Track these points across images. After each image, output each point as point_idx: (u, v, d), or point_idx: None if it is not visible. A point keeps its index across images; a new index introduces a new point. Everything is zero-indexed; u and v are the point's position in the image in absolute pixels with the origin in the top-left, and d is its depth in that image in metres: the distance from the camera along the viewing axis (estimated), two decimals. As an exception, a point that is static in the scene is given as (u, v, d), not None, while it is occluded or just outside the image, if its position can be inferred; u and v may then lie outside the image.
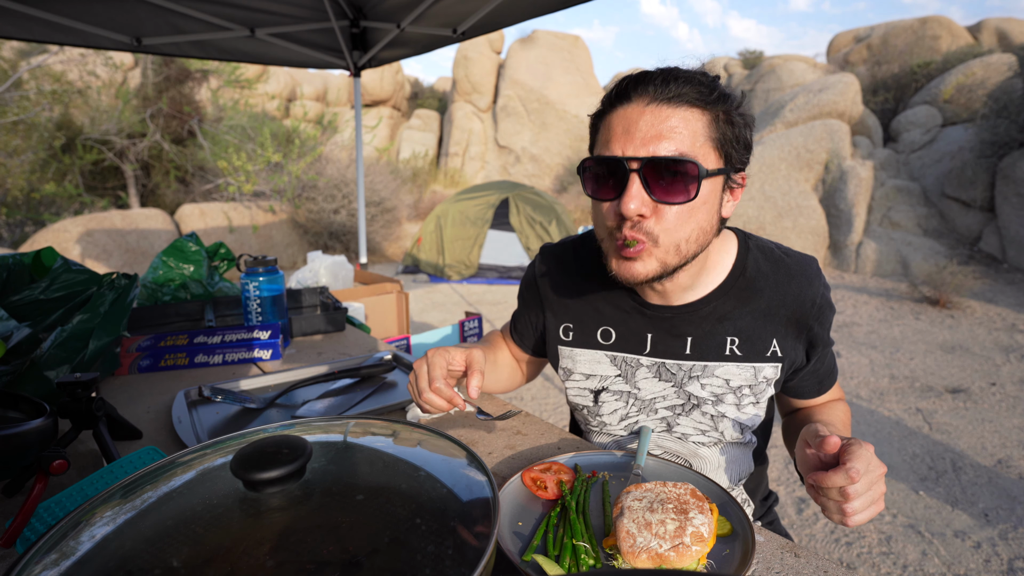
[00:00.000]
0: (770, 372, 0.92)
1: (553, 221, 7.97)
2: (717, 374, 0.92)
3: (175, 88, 10.41)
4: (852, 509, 0.65)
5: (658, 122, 0.76)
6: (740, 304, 0.92)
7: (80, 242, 7.29)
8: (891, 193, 8.91)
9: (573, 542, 0.63)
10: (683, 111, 0.77)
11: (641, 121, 0.77)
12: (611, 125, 0.80)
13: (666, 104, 0.77)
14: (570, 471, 0.78)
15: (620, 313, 0.97)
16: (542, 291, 1.05)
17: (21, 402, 0.83)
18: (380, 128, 16.25)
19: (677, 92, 0.77)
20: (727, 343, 0.92)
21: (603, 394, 1.00)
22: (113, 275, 1.21)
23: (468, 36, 3.00)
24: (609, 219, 0.82)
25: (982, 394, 3.98)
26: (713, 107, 0.78)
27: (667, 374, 0.95)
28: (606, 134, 0.81)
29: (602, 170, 0.81)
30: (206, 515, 0.43)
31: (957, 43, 12.50)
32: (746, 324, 0.91)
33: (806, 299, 0.91)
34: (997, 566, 2.22)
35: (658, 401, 0.96)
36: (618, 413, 0.99)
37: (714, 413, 0.94)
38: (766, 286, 0.92)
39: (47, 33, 2.76)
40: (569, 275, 1.03)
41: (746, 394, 0.92)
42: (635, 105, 0.78)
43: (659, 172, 0.77)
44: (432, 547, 0.40)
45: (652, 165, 0.76)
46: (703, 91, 0.77)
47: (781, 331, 0.91)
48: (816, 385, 1.01)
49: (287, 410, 1.03)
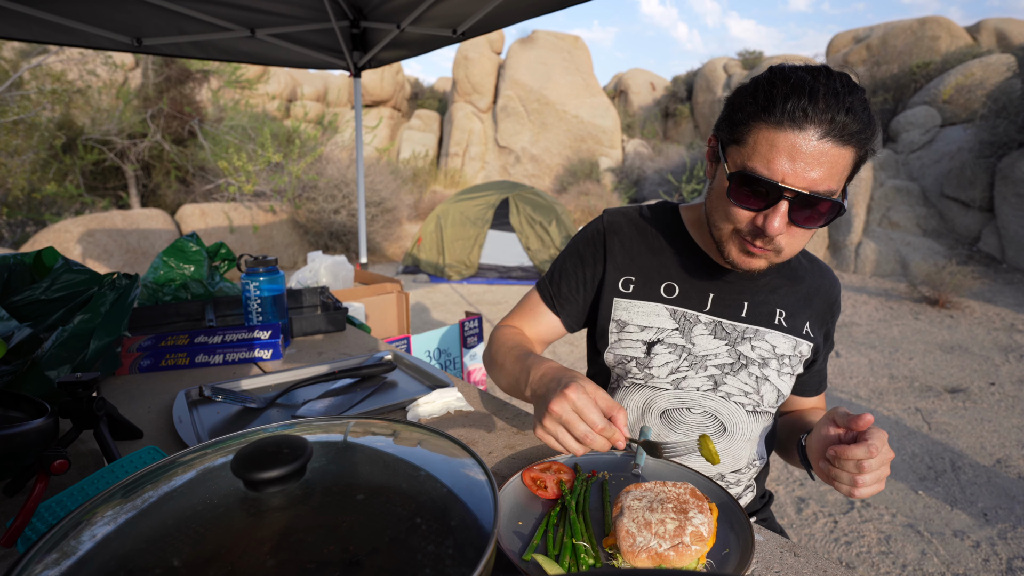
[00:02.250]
0: (805, 349, 1.04)
1: (553, 221, 7.97)
2: (766, 339, 1.02)
3: (176, 88, 10.41)
4: (863, 481, 0.75)
5: (823, 160, 0.79)
6: (787, 283, 1.05)
7: (81, 242, 7.29)
8: (890, 193, 8.91)
9: (573, 542, 0.63)
10: (844, 149, 0.79)
11: (809, 155, 0.78)
12: (775, 143, 0.80)
13: (834, 142, 0.78)
14: (570, 471, 0.78)
15: (686, 271, 1.05)
16: (609, 244, 1.09)
17: (22, 402, 0.83)
18: (380, 128, 16.26)
19: (849, 132, 0.78)
20: (776, 313, 1.03)
21: (657, 346, 1.03)
22: (114, 275, 1.21)
23: (468, 36, 3.00)
24: (742, 223, 0.88)
25: (981, 394, 3.98)
26: (867, 143, 0.81)
27: (722, 332, 1.02)
28: (768, 150, 0.81)
29: (754, 185, 0.83)
30: (207, 515, 0.43)
31: (956, 44, 12.50)
32: (791, 301, 1.04)
33: (833, 296, 1.08)
34: (996, 565, 2.22)
35: (709, 358, 1.02)
36: (669, 366, 1.03)
37: (759, 375, 1.01)
38: (806, 275, 1.07)
39: (47, 33, 2.76)
40: (640, 232, 1.09)
41: (786, 363, 1.02)
42: (806, 135, 0.78)
43: (807, 204, 0.82)
44: (432, 547, 0.40)
45: (805, 199, 0.81)
46: (866, 128, 0.79)
47: (813, 317, 1.05)
48: (817, 384, 1.14)
49: (287, 410, 1.03)
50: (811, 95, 0.77)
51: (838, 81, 0.79)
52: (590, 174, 14.41)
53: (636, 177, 14.30)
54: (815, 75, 0.79)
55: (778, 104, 0.79)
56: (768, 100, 0.80)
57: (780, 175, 0.80)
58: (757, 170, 0.82)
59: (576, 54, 16.39)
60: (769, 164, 0.81)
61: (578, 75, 15.97)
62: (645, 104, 18.44)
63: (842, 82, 0.79)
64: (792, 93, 0.78)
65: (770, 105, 0.80)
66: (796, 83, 0.79)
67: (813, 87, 0.78)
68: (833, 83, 0.78)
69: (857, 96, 0.79)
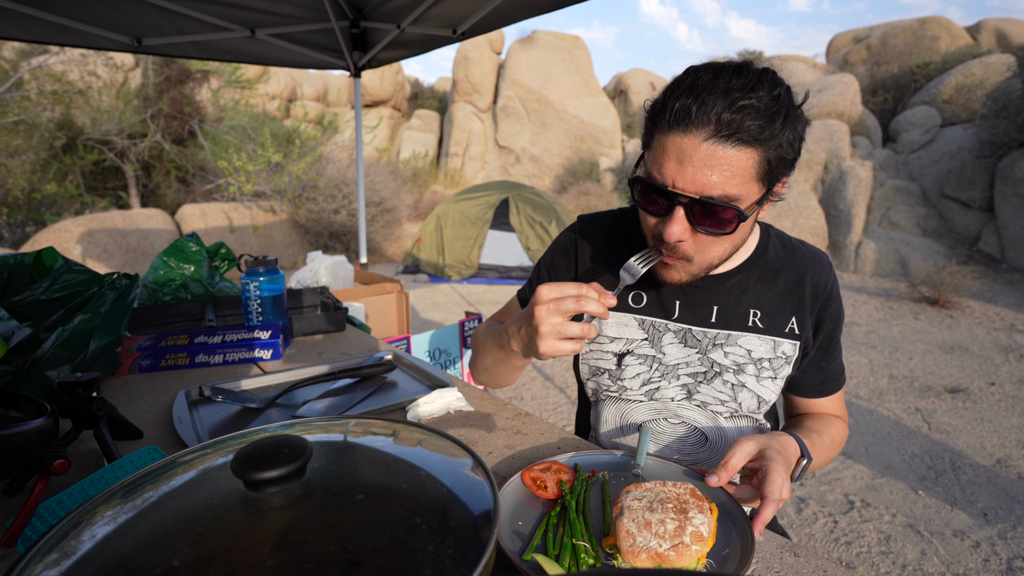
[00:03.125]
0: (788, 348, 0.97)
1: (553, 221, 7.97)
2: (740, 344, 0.97)
3: (176, 88, 10.40)
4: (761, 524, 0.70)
5: (711, 163, 0.74)
6: (761, 281, 0.98)
7: (81, 242, 7.29)
8: (890, 193, 8.91)
9: (573, 541, 0.63)
10: (738, 151, 0.74)
11: (695, 158, 0.75)
12: (665, 147, 0.77)
13: (723, 143, 0.74)
14: (570, 471, 0.78)
15: (653, 279, 0.99)
16: (580, 252, 1.07)
17: (22, 402, 0.83)
18: (380, 128, 16.25)
19: (738, 129, 0.73)
20: (750, 314, 0.97)
21: (627, 357, 1.01)
22: (114, 275, 1.21)
23: (468, 36, 3.00)
24: (651, 230, 0.86)
25: (981, 394, 3.98)
26: (769, 142, 0.75)
27: (693, 340, 0.98)
28: (660, 154, 0.79)
29: (652, 190, 0.81)
30: (207, 514, 0.43)
31: (956, 43, 12.51)
32: (767, 300, 0.97)
33: (819, 282, 0.98)
34: (996, 565, 2.22)
35: (681, 367, 0.99)
36: (640, 377, 1.01)
37: (735, 382, 0.97)
38: (783, 268, 0.99)
39: (47, 33, 2.76)
40: (609, 240, 1.06)
41: (765, 367, 0.97)
42: (692, 137, 0.74)
43: (704, 209, 0.78)
44: (432, 547, 0.40)
45: (698, 204, 0.77)
46: (764, 127, 0.74)
47: (798, 310, 0.98)
48: (818, 384, 1.04)
49: (287, 410, 1.03)
50: (697, 95, 0.74)
51: (738, 79, 0.74)
52: (590, 174, 14.40)
53: (636, 177, 14.27)
54: (716, 73, 0.75)
55: (668, 106, 0.76)
56: (662, 104, 0.78)
57: (670, 180, 0.77)
58: (652, 175, 0.80)
59: (576, 54, 16.39)
60: (661, 168, 0.78)
61: (578, 75, 15.96)
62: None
63: (744, 79, 0.74)
64: (682, 94, 0.75)
65: (663, 108, 0.77)
66: (689, 84, 0.76)
67: (704, 86, 0.74)
68: (729, 81, 0.74)
69: (760, 93, 0.74)
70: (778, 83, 0.77)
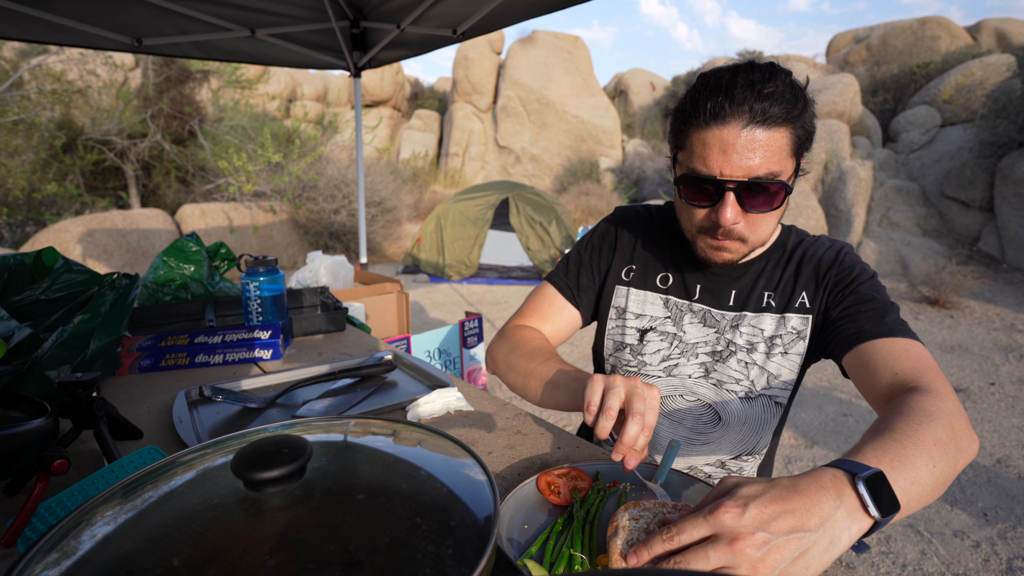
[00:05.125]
0: (798, 323, 1.01)
1: (553, 221, 7.98)
2: (753, 324, 1.03)
3: (176, 88, 10.40)
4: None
5: (753, 146, 0.85)
6: (778, 267, 1.06)
7: (81, 242, 7.29)
8: (890, 193, 8.91)
9: (570, 552, 0.62)
10: (773, 132, 0.85)
11: (738, 144, 0.85)
12: (706, 141, 0.87)
13: (759, 127, 0.84)
14: (588, 478, 0.76)
15: (680, 263, 1.10)
16: (619, 235, 1.17)
17: (22, 402, 0.83)
18: (380, 128, 16.26)
19: (770, 113, 0.83)
20: (764, 297, 1.05)
21: (649, 334, 1.09)
22: (114, 275, 1.21)
23: (468, 36, 3.00)
24: (701, 221, 0.94)
25: (981, 394, 3.98)
26: (797, 120, 0.86)
27: (712, 320, 1.06)
28: (701, 149, 0.88)
29: (699, 183, 0.90)
30: (206, 515, 0.43)
31: (956, 43, 12.51)
32: (781, 281, 1.05)
33: (829, 257, 1.03)
34: (996, 565, 2.22)
35: (700, 346, 1.06)
36: (660, 353, 1.08)
37: (748, 361, 1.03)
38: (797, 252, 1.07)
39: (47, 33, 2.76)
40: (646, 226, 1.16)
41: (776, 344, 1.02)
42: (731, 128, 0.84)
43: (752, 190, 0.88)
44: (432, 547, 0.40)
45: (747, 186, 0.87)
46: (790, 108, 0.85)
47: (807, 285, 1.03)
48: (872, 323, 0.90)
49: (287, 410, 1.03)
50: (727, 91, 0.84)
51: (756, 72, 0.85)
52: (590, 174, 14.40)
53: (636, 177, 14.30)
54: (734, 72, 0.86)
55: (700, 106, 0.86)
56: (693, 105, 0.88)
57: (717, 169, 0.87)
58: (697, 169, 0.89)
59: (576, 54, 16.39)
60: (706, 161, 0.87)
61: (578, 75, 15.97)
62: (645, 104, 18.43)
63: (761, 72, 0.85)
64: (711, 94, 0.85)
65: (695, 109, 0.88)
66: (714, 84, 0.86)
67: (729, 83, 0.85)
68: (750, 75, 0.85)
69: (777, 81, 0.85)
70: (787, 71, 0.88)
